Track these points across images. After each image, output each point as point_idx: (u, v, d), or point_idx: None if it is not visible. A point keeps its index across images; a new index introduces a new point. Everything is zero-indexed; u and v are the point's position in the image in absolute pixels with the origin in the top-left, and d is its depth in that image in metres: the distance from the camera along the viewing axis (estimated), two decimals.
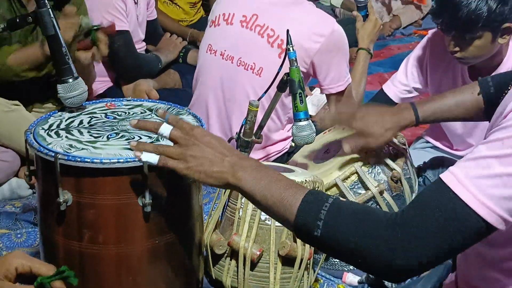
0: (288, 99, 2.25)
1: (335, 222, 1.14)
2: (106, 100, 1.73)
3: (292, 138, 1.94)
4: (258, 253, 1.69)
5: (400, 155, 1.99)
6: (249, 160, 1.27)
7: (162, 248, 1.48)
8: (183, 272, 1.56)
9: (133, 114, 1.63)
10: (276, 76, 1.90)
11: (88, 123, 1.57)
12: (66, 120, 1.59)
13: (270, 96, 1.99)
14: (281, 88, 1.91)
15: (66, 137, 1.49)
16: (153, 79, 3.25)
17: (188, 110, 1.68)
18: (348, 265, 1.92)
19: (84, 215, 1.43)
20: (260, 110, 1.91)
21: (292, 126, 1.89)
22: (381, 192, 1.90)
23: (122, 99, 1.74)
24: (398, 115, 1.86)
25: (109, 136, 1.49)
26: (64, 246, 1.47)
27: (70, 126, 1.56)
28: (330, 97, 2.43)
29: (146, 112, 1.66)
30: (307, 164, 2.12)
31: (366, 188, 1.91)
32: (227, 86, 2.38)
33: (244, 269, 1.70)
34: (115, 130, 1.53)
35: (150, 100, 1.77)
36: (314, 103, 3.12)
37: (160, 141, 1.47)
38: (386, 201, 1.92)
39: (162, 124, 1.29)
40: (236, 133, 2.02)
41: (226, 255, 1.74)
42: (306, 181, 1.69)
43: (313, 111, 3.02)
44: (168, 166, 1.27)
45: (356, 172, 1.92)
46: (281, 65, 1.87)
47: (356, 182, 1.92)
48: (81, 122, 1.58)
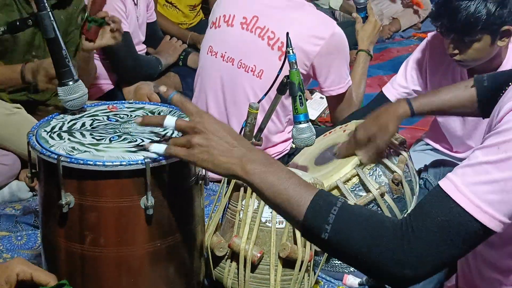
0: (288, 101, 2.24)
1: (343, 227, 1.14)
2: (108, 102, 1.74)
3: (292, 139, 1.95)
4: (259, 255, 1.69)
5: (401, 157, 2.00)
6: (258, 153, 1.22)
7: (164, 250, 1.48)
8: (184, 274, 1.56)
9: (135, 116, 1.63)
10: (276, 79, 1.90)
11: (90, 125, 1.58)
12: (68, 123, 1.59)
13: (271, 98, 1.99)
14: (281, 90, 1.92)
15: (69, 139, 1.49)
16: (153, 82, 3.26)
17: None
18: (349, 267, 1.93)
19: (86, 217, 1.43)
20: (260, 112, 1.91)
21: (292, 128, 1.90)
22: (382, 195, 1.91)
23: (123, 101, 1.75)
24: (392, 107, 1.91)
25: (111, 139, 1.50)
26: (66, 248, 1.47)
27: (73, 128, 1.56)
28: (331, 99, 2.44)
29: (147, 115, 1.66)
30: (307, 166, 2.13)
31: (367, 191, 1.91)
32: (228, 88, 2.39)
33: (244, 271, 1.70)
34: (118, 133, 1.53)
35: (152, 103, 1.78)
36: (314, 107, 3.13)
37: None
38: (387, 203, 1.92)
39: (166, 117, 1.27)
40: None
41: (226, 257, 1.74)
42: None
43: (313, 116, 3.03)
44: (175, 155, 1.24)
45: (357, 175, 1.92)
46: (281, 67, 1.88)
47: (357, 184, 1.93)
48: (83, 125, 1.58)
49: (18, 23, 1.66)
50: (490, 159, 1.11)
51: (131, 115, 1.64)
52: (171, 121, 1.26)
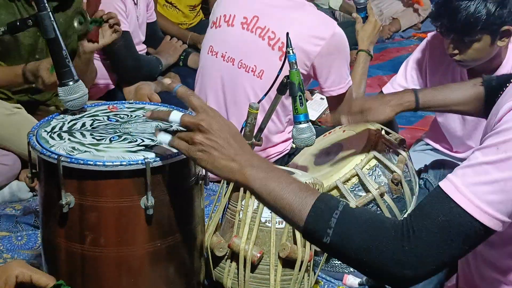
0: (288, 101, 2.25)
1: (344, 231, 1.14)
2: (109, 102, 1.74)
3: (292, 140, 1.95)
4: (259, 255, 1.70)
5: (401, 157, 2.00)
6: (259, 159, 1.22)
7: (164, 250, 1.48)
8: (184, 274, 1.56)
9: (135, 117, 1.64)
10: (276, 79, 1.90)
11: (90, 125, 1.58)
12: (68, 123, 1.59)
13: (271, 98, 1.99)
14: (281, 90, 1.92)
15: (69, 139, 1.49)
16: (154, 82, 3.26)
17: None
18: (349, 267, 1.93)
19: (86, 217, 1.43)
20: (260, 112, 1.91)
21: (292, 128, 1.90)
22: (381, 195, 1.91)
23: (124, 102, 1.75)
24: (399, 95, 1.91)
25: (111, 139, 1.50)
26: (66, 248, 1.47)
27: (73, 128, 1.56)
28: (331, 99, 2.44)
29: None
30: (307, 166, 2.13)
31: (367, 191, 1.91)
32: (228, 88, 2.39)
33: (244, 271, 1.71)
34: (118, 133, 1.53)
35: (152, 103, 1.78)
36: (315, 108, 3.12)
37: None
38: (387, 203, 1.92)
39: (172, 112, 1.27)
40: None
41: (226, 257, 1.74)
42: (306, 183, 1.70)
43: (313, 117, 3.03)
44: (177, 147, 1.24)
45: (357, 175, 1.92)
46: (281, 67, 1.88)
47: (356, 184, 1.93)
48: (83, 125, 1.58)
49: (18, 23, 1.66)
50: (489, 159, 1.11)
51: (131, 115, 1.65)
52: (176, 116, 1.26)
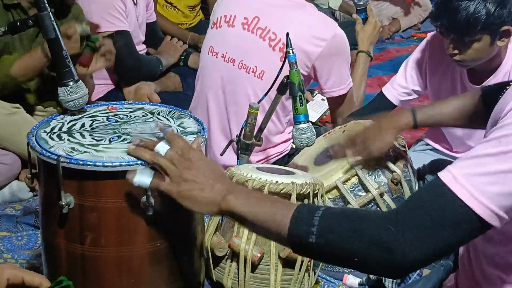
0: (288, 101, 2.25)
1: (328, 226, 1.14)
2: (108, 103, 1.74)
3: (292, 140, 1.95)
4: (259, 255, 1.70)
5: (400, 157, 2.00)
6: (239, 187, 1.31)
7: (164, 250, 1.48)
8: (184, 274, 1.56)
9: (134, 117, 1.64)
10: (276, 79, 1.90)
11: (90, 126, 1.58)
12: (68, 123, 1.59)
13: (271, 98, 1.99)
14: (281, 90, 1.92)
15: (68, 140, 1.50)
16: (154, 82, 3.26)
17: (190, 114, 1.68)
18: None
19: (86, 218, 1.43)
20: (260, 113, 1.91)
21: (293, 128, 1.90)
22: (381, 194, 1.91)
23: (123, 102, 1.75)
24: (396, 117, 1.92)
25: (111, 139, 1.50)
26: (66, 248, 1.47)
27: (72, 129, 1.56)
28: (331, 100, 2.44)
29: (147, 115, 1.66)
30: (307, 166, 2.13)
31: (367, 190, 1.91)
32: (228, 89, 2.38)
33: (244, 271, 1.71)
34: (117, 133, 1.53)
35: (152, 104, 1.78)
36: (315, 109, 3.12)
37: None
38: (387, 203, 1.92)
39: (159, 142, 1.29)
40: (236, 135, 2.02)
41: (226, 257, 1.75)
42: (306, 183, 1.70)
43: (313, 118, 3.02)
44: (160, 189, 1.27)
45: (357, 175, 1.92)
46: (281, 68, 1.88)
47: (356, 184, 1.93)
48: (83, 125, 1.58)
49: (18, 24, 1.67)
50: (490, 151, 1.11)
51: (130, 116, 1.65)
52: (163, 148, 1.28)
